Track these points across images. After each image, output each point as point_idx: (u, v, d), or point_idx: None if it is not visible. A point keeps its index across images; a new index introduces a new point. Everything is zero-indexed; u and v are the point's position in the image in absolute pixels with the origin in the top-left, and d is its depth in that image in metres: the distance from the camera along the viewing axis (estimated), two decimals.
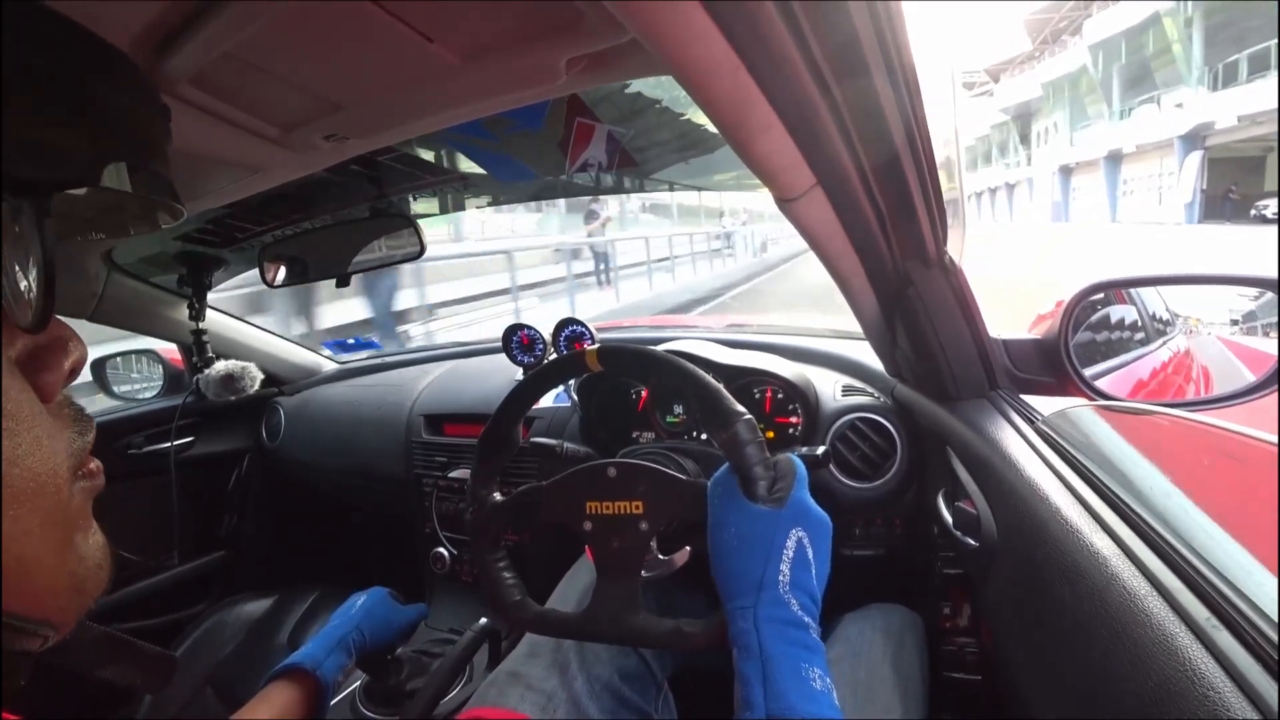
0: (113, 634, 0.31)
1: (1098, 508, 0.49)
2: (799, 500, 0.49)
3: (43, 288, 0.23)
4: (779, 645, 0.43)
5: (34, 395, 0.24)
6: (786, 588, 0.45)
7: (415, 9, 0.42)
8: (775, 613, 0.45)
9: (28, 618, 0.23)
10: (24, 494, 0.22)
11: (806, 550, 0.47)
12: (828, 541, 0.50)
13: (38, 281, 0.23)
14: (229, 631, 1.19)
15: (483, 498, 0.64)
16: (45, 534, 0.23)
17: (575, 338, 1.19)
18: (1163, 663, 0.35)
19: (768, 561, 0.46)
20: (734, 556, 0.48)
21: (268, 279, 1.10)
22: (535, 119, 0.77)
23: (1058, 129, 25.85)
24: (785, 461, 0.53)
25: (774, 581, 0.45)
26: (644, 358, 0.60)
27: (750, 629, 0.44)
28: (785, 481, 0.50)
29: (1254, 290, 1.01)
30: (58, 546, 0.24)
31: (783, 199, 0.53)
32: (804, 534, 0.48)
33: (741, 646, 0.44)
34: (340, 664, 0.67)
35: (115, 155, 0.25)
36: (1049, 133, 27.20)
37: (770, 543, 0.47)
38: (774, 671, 0.42)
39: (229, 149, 0.61)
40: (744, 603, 0.45)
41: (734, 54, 0.34)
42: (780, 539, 0.47)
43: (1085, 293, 0.78)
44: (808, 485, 0.51)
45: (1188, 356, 1.17)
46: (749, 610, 0.45)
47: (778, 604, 0.45)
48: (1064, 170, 25.61)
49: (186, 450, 1.40)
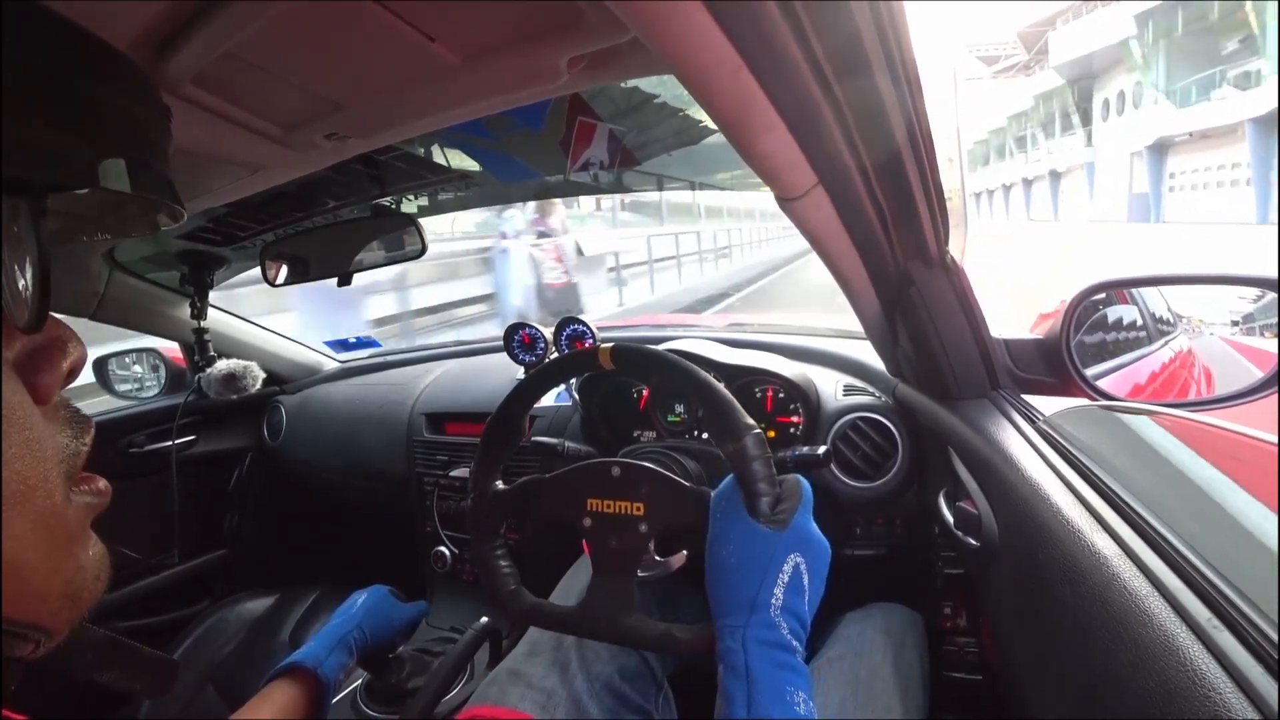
0: (114, 637, 0.30)
1: (1099, 508, 0.49)
2: (802, 525, 0.49)
3: (39, 287, 0.23)
4: (765, 667, 0.43)
5: (27, 397, 0.23)
6: (778, 611, 0.45)
7: (416, 8, 0.42)
8: (764, 635, 0.45)
9: (19, 622, 0.23)
10: (13, 497, 0.22)
11: (802, 576, 0.47)
12: (825, 568, 0.50)
13: (34, 281, 0.23)
14: (230, 630, 1.19)
15: (485, 486, 0.64)
16: (37, 538, 0.23)
17: (576, 337, 1.19)
18: (1163, 663, 0.35)
19: (762, 583, 0.46)
20: (730, 574, 0.48)
21: (269, 277, 1.10)
22: (536, 118, 0.77)
23: (1143, 92, 18.12)
24: (792, 482, 0.52)
25: (766, 604, 0.45)
26: (657, 360, 0.59)
27: (738, 648, 0.44)
28: (790, 503, 0.50)
29: (1255, 291, 1.01)
30: (51, 552, 0.24)
31: (784, 198, 0.53)
32: (802, 560, 0.48)
33: (728, 665, 0.45)
34: (341, 663, 0.67)
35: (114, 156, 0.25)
36: (1126, 100, 19.57)
37: (767, 564, 0.47)
38: (759, 694, 0.42)
39: (230, 148, 0.62)
40: (734, 622, 0.45)
41: (735, 53, 0.34)
42: (778, 561, 0.47)
43: (1087, 292, 0.78)
44: (812, 508, 0.51)
45: (1189, 357, 1.17)
46: (739, 630, 0.45)
47: (768, 626, 0.45)
48: (1157, 148, 17.70)
49: (188, 449, 1.40)
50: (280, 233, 1.09)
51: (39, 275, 0.23)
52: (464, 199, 1.19)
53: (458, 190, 1.10)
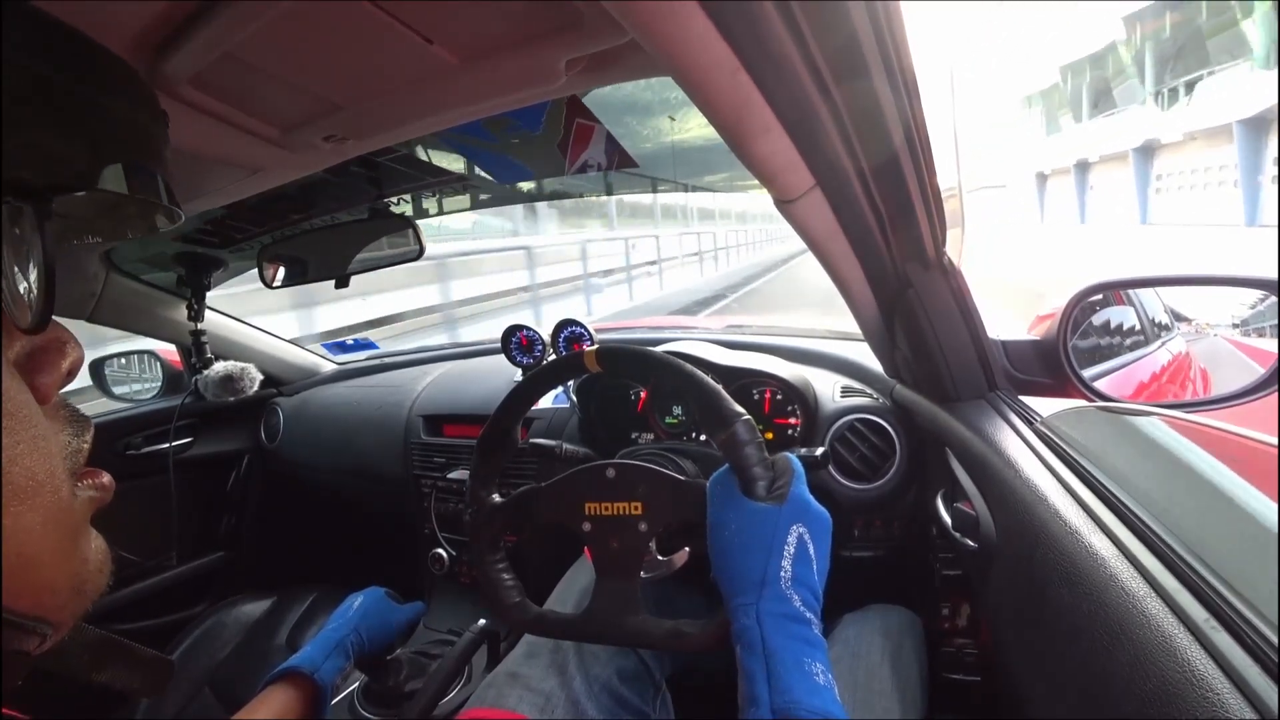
0: (110, 637, 0.30)
1: (1096, 509, 0.49)
2: (799, 496, 0.49)
3: (43, 290, 0.23)
4: (782, 640, 0.43)
5: (31, 395, 0.24)
6: (788, 583, 0.46)
7: (415, 10, 0.42)
8: (778, 608, 0.45)
9: (27, 614, 0.23)
10: (24, 492, 0.22)
11: (807, 546, 0.48)
12: (828, 536, 0.50)
13: (38, 284, 0.23)
14: (228, 632, 1.19)
15: (482, 498, 0.64)
16: (46, 532, 0.23)
17: (574, 338, 1.19)
18: (1161, 664, 0.35)
19: (769, 558, 0.46)
20: (735, 554, 0.48)
21: (266, 279, 1.10)
22: (535, 120, 0.77)
23: None
24: (783, 460, 0.53)
25: (776, 577, 0.46)
26: (643, 359, 0.60)
27: (753, 625, 0.44)
28: (784, 479, 0.51)
29: (1255, 292, 1.01)
30: (60, 545, 0.24)
31: (782, 200, 0.53)
32: (804, 530, 0.48)
33: (745, 643, 0.44)
34: (339, 666, 0.67)
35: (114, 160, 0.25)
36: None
37: (771, 539, 0.47)
38: (778, 666, 0.42)
39: (229, 150, 0.61)
40: (746, 599, 0.45)
41: (733, 55, 0.34)
42: (781, 535, 0.47)
43: (1084, 294, 0.78)
44: (806, 482, 0.51)
45: (1187, 358, 1.17)
46: (751, 607, 0.45)
47: (780, 600, 0.45)
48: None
49: (185, 451, 1.40)
50: (278, 234, 1.09)
51: (44, 277, 0.23)
52: (462, 200, 1.19)
53: (455, 191, 1.10)
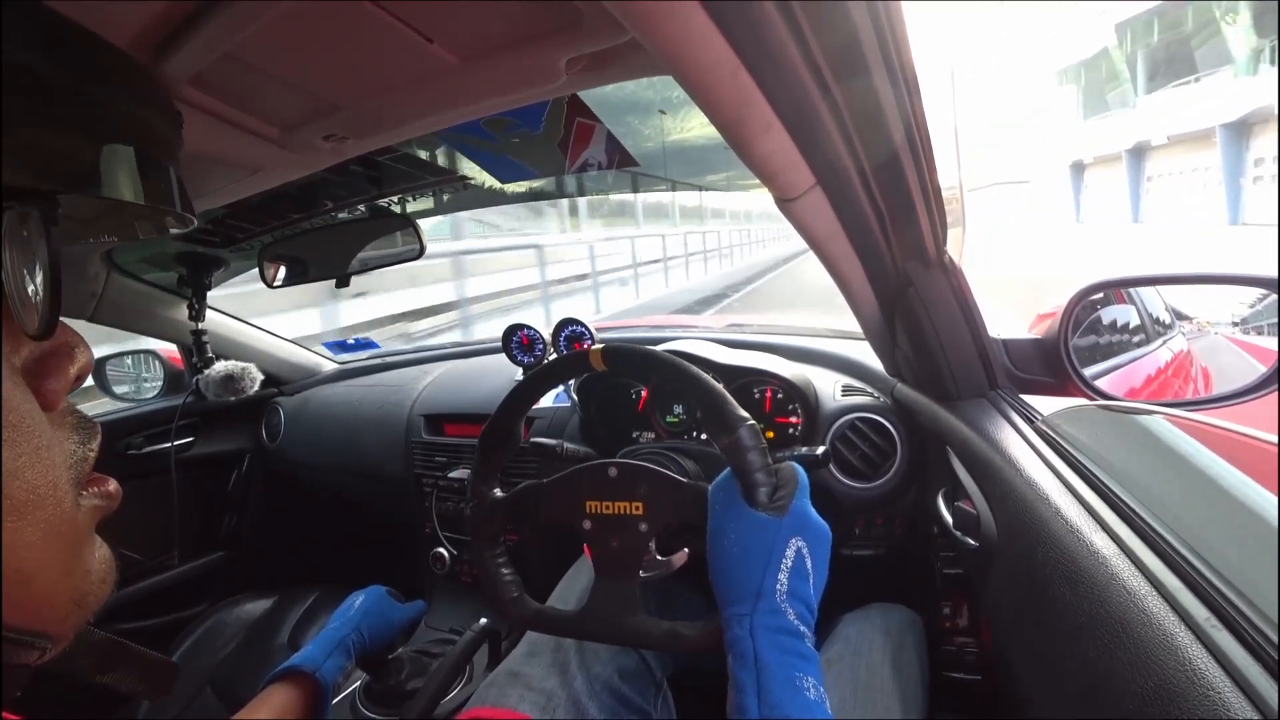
0: (115, 640, 0.30)
1: (1097, 507, 0.49)
2: (800, 509, 0.49)
3: (49, 293, 0.22)
4: (774, 654, 0.43)
5: (35, 404, 0.23)
6: (784, 597, 0.45)
7: (415, 9, 0.42)
8: (771, 621, 0.45)
9: (26, 630, 0.22)
10: (24, 506, 0.21)
11: (805, 560, 0.47)
12: (826, 551, 0.50)
13: (44, 287, 0.22)
14: (229, 631, 1.19)
15: (483, 494, 0.64)
16: (47, 546, 0.23)
17: (575, 338, 1.19)
18: (1162, 662, 0.35)
19: (766, 570, 0.46)
20: (733, 563, 0.48)
21: (267, 279, 1.10)
22: (535, 119, 0.77)
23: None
24: (787, 469, 0.52)
25: (771, 590, 0.45)
26: (649, 359, 0.60)
27: (746, 637, 0.44)
28: (787, 489, 0.50)
29: (1255, 291, 1.01)
30: (60, 560, 0.24)
31: (782, 199, 0.53)
32: (803, 543, 0.48)
33: (737, 654, 0.44)
34: (340, 665, 0.67)
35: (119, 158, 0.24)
36: None
37: (770, 551, 0.47)
38: (769, 680, 0.42)
39: (229, 149, 0.61)
40: (741, 610, 0.45)
41: (733, 54, 0.34)
42: (780, 548, 0.47)
43: (1085, 292, 0.78)
44: (809, 493, 0.51)
45: (1188, 356, 1.17)
46: (745, 618, 0.45)
47: (774, 613, 0.45)
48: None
49: (186, 450, 1.40)
50: (278, 234, 1.09)
51: (50, 282, 0.22)
52: (462, 200, 1.19)
53: (456, 191, 1.10)
